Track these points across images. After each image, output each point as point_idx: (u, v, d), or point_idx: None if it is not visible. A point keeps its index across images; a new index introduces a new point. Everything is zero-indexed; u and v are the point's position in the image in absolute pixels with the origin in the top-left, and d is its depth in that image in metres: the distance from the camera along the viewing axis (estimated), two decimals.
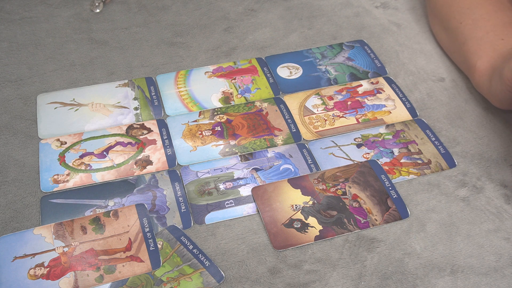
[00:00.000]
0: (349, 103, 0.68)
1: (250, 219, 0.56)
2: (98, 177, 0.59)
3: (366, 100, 0.68)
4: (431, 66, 0.73)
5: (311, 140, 0.63)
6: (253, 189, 0.58)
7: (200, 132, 0.64)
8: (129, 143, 0.62)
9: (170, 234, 0.54)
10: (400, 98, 0.68)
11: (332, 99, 0.68)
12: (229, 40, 0.76)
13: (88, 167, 0.60)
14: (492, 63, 0.65)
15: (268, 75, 0.71)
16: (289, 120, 0.65)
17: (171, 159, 0.61)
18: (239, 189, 0.58)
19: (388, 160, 0.61)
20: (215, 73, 0.71)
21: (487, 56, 0.66)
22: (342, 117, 0.66)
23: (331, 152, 0.62)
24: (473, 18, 0.69)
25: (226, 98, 0.68)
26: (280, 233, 0.54)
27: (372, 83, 0.70)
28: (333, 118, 0.66)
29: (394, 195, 0.58)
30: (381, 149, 0.63)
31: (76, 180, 0.59)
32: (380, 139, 0.64)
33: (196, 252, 0.53)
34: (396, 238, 0.55)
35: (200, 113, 0.66)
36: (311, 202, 0.57)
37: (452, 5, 0.72)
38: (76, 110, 0.66)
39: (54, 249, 0.52)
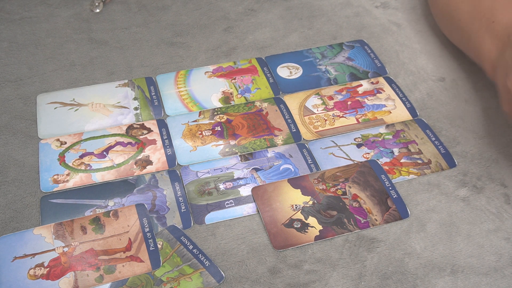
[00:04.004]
0: (349, 103, 0.68)
1: (250, 219, 0.56)
2: (98, 177, 0.59)
3: (366, 100, 0.68)
4: (431, 66, 0.73)
5: (311, 140, 0.63)
6: (253, 189, 0.58)
7: (200, 132, 0.64)
8: (129, 143, 0.62)
9: (170, 234, 0.54)
10: (400, 98, 0.68)
11: (332, 99, 0.68)
12: (229, 40, 0.76)
13: (88, 167, 0.60)
14: (492, 59, 0.63)
15: (268, 75, 0.71)
16: (289, 120, 0.65)
17: (171, 159, 0.61)
18: (239, 189, 0.58)
19: (388, 160, 0.61)
20: (215, 73, 0.71)
21: (488, 49, 0.63)
22: (342, 117, 0.66)
23: (331, 152, 0.62)
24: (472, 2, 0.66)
25: (226, 98, 0.68)
26: (280, 233, 0.54)
27: (372, 83, 0.70)
28: (333, 118, 0.66)
29: (394, 195, 0.58)
30: (381, 149, 0.63)
31: (76, 180, 0.58)
32: (380, 139, 0.64)
33: (196, 252, 0.53)
34: (396, 238, 0.55)
35: (200, 113, 0.66)
36: (311, 202, 0.57)
37: None
38: (76, 110, 0.66)
39: (54, 249, 0.52)
